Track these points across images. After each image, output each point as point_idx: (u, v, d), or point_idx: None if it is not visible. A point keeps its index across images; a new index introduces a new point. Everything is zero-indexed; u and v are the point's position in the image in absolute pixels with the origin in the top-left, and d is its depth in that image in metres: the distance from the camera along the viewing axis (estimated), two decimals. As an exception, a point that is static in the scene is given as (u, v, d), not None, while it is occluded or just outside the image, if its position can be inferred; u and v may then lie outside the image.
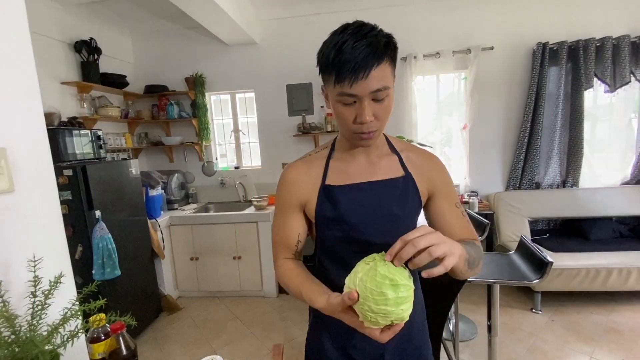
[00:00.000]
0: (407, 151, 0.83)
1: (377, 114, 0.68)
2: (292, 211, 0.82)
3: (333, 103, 0.70)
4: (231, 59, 3.31)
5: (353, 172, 0.80)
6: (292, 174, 0.82)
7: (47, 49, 2.45)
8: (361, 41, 0.62)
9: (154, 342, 2.47)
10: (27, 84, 0.95)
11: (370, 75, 0.63)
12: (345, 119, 0.69)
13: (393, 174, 0.80)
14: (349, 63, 0.62)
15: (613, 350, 2.05)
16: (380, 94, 0.65)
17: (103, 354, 0.76)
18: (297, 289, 0.74)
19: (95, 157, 2.45)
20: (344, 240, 0.78)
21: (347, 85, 0.64)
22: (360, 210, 0.77)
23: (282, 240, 0.84)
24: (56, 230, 1.00)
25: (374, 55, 0.62)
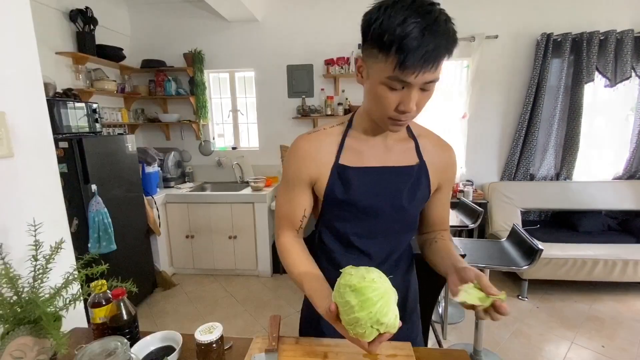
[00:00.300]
0: (424, 137, 0.80)
1: (419, 103, 0.64)
2: (301, 186, 0.78)
3: (375, 83, 0.63)
4: (231, 36, 3.24)
5: (368, 153, 0.76)
6: (304, 146, 0.77)
7: (42, 16, 2.37)
8: (433, 27, 0.55)
9: (149, 316, 2.51)
10: (26, 49, 0.93)
11: (439, 67, 0.58)
12: (387, 104, 0.63)
13: (407, 161, 0.77)
14: (419, 51, 0.55)
15: (593, 337, 2.13)
16: (431, 85, 0.62)
17: (104, 318, 0.78)
18: (299, 278, 0.74)
19: (90, 130, 2.41)
20: (352, 222, 0.78)
21: (411, 75, 0.57)
22: (371, 195, 0.75)
23: (287, 215, 0.81)
24: (55, 198, 1.00)
25: (445, 47, 0.57)
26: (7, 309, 0.66)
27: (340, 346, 0.77)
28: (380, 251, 0.81)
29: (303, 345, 0.78)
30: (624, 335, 2.14)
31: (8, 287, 0.67)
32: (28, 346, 0.64)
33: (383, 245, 0.81)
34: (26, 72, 0.93)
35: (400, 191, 0.76)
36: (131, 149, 2.51)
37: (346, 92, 3.19)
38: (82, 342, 0.78)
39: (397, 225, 0.80)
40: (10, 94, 0.88)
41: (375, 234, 0.79)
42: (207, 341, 0.68)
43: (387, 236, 0.80)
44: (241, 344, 0.80)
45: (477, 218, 2.21)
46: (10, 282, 0.67)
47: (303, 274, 0.74)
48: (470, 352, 1.93)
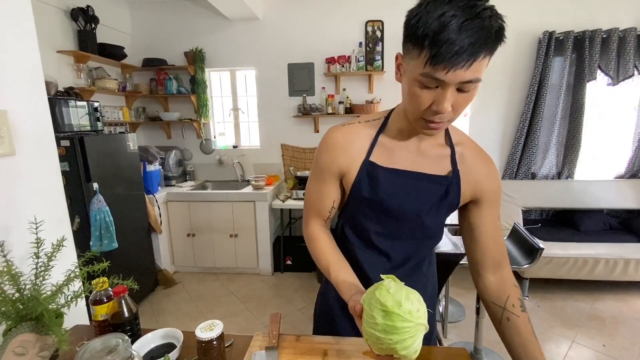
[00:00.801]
0: (462, 146, 0.75)
1: (456, 105, 0.59)
2: (330, 177, 0.77)
3: (409, 80, 0.60)
4: (232, 34, 3.23)
5: (400, 155, 0.74)
6: (337, 138, 0.76)
7: (43, 14, 2.37)
8: (472, 22, 0.51)
9: (150, 313, 2.52)
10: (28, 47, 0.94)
11: (473, 65, 0.53)
12: (420, 103, 0.60)
13: (440, 170, 0.73)
14: (453, 46, 0.52)
15: (594, 336, 2.13)
16: (469, 86, 0.57)
17: (105, 315, 0.78)
18: (327, 266, 0.75)
19: (92, 129, 2.42)
20: (374, 221, 0.77)
21: (442, 70, 0.54)
22: (397, 198, 0.73)
23: (316, 205, 0.81)
24: (57, 196, 1.00)
25: (484, 44, 0.52)
26: (10, 306, 0.67)
27: (340, 344, 0.77)
28: (400, 254, 0.80)
29: (303, 342, 0.78)
30: (625, 334, 2.14)
31: (10, 285, 0.67)
32: (30, 343, 0.65)
33: (403, 248, 0.79)
34: (28, 70, 0.93)
35: (429, 199, 0.73)
36: (132, 148, 2.52)
37: (347, 91, 3.18)
38: (83, 339, 0.78)
39: (419, 232, 0.77)
40: (12, 93, 0.88)
41: (395, 236, 0.78)
42: (207, 338, 0.68)
43: (408, 240, 0.79)
44: (242, 341, 0.81)
45: (478, 217, 2.21)
46: (12, 280, 0.67)
47: (331, 263, 0.74)
48: (470, 350, 1.94)
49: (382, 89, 3.16)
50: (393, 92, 3.15)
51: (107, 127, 2.93)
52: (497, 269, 0.77)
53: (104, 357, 0.59)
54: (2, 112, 0.85)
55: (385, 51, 3.06)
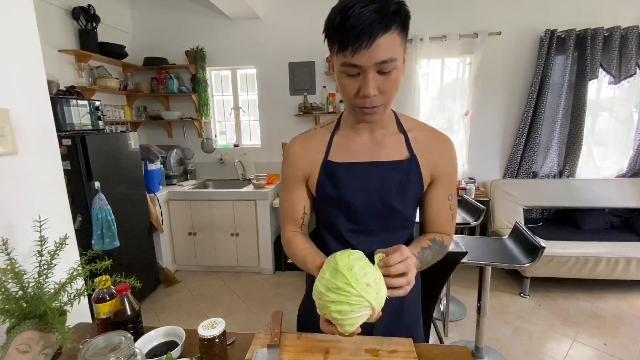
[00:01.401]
0: (415, 131, 0.79)
1: (383, 88, 0.64)
2: (297, 184, 0.82)
3: (337, 74, 0.66)
4: (233, 33, 3.23)
5: (356, 149, 0.77)
6: (295, 147, 0.81)
7: (44, 14, 2.38)
8: (368, 6, 0.57)
9: (152, 312, 2.53)
10: (29, 46, 0.94)
11: (376, 44, 0.58)
12: (348, 91, 0.65)
13: (397, 156, 0.76)
14: (353, 30, 0.57)
15: (595, 335, 2.13)
16: (387, 66, 0.61)
17: (108, 313, 0.78)
18: (303, 259, 0.76)
19: (93, 128, 2.42)
20: (344, 217, 0.79)
21: (350, 54, 0.59)
22: (361, 191, 0.76)
23: (288, 214, 0.84)
24: (59, 195, 1.01)
25: (381, 22, 0.57)
26: (13, 304, 0.67)
27: (342, 342, 0.77)
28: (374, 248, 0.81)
29: (305, 340, 0.78)
30: (625, 333, 2.14)
31: (14, 282, 0.68)
32: (33, 340, 0.65)
33: (378, 242, 0.78)
34: (30, 69, 0.94)
35: (390, 185, 0.75)
36: (134, 147, 2.52)
37: (348, 90, 3.17)
38: (86, 337, 0.79)
39: (390, 222, 0.79)
40: (14, 91, 0.89)
41: (368, 231, 0.79)
42: (209, 336, 0.68)
43: (381, 233, 0.80)
44: (243, 339, 0.81)
45: (479, 216, 2.21)
46: (15, 277, 0.68)
47: (307, 254, 0.76)
48: (471, 349, 1.94)
49: (383, 87, 3.15)
50: (394, 91, 3.14)
51: (109, 126, 2.94)
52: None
53: (107, 355, 0.60)
54: (4, 110, 0.85)
55: (386, 50, 3.05)
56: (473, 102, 3.05)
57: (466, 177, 3.21)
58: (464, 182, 3.15)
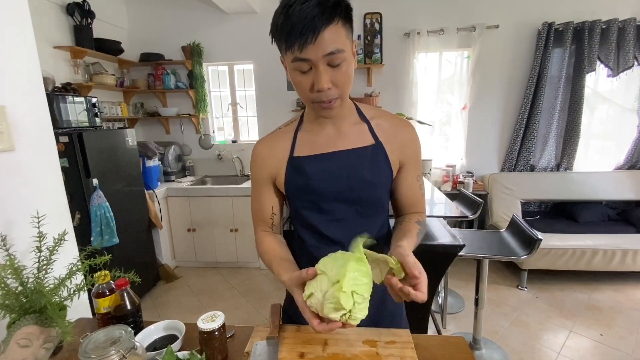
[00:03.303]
0: (377, 118, 0.81)
1: (336, 81, 0.65)
2: (264, 185, 0.83)
3: (290, 71, 0.67)
4: (230, 28, 3.21)
5: (321, 142, 0.78)
6: (260, 148, 0.83)
7: (39, 10, 2.35)
8: (309, 2, 0.59)
9: (152, 308, 2.54)
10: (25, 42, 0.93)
11: (321, 36, 0.60)
12: (303, 88, 0.66)
13: (362, 143, 0.78)
14: (297, 26, 0.59)
15: (592, 326, 2.16)
16: (335, 58, 0.62)
17: (108, 308, 0.79)
18: (270, 262, 0.78)
19: (90, 125, 2.41)
20: (316, 210, 0.79)
21: (298, 50, 0.61)
22: (329, 180, 0.76)
23: (258, 215, 0.86)
24: (57, 191, 1.01)
25: (323, 15, 0.59)
26: (13, 299, 0.67)
27: (340, 334, 0.78)
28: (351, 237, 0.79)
29: (303, 333, 0.79)
30: (622, 323, 2.17)
31: (13, 278, 0.68)
32: (34, 335, 0.66)
33: (353, 231, 0.79)
34: (25, 65, 0.93)
35: (359, 169, 0.76)
36: (131, 143, 2.51)
37: (346, 84, 3.16)
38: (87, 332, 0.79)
39: (363, 209, 0.79)
40: (9, 88, 0.88)
41: (341, 219, 0.80)
42: (209, 329, 0.69)
43: (355, 220, 0.80)
44: (243, 332, 0.82)
45: (477, 209, 2.22)
46: (15, 273, 0.68)
47: (273, 257, 0.78)
48: (469, 341, 1.96)
49: (381, 82, 3.15)
50: (392, 85, 3.14)
51: (106, 123, 2.93)
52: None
53: (108, 348, 0.60)
54: (1, 107, 0.85)
55: (384, 44, 3.04)
56: (471, 96, 3.05)
57: (464, 171, 3.21)
58: (462, 175, 3.16)
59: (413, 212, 0.85)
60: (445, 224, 1.68)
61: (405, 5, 2.95)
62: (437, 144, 3.30)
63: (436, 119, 3.25)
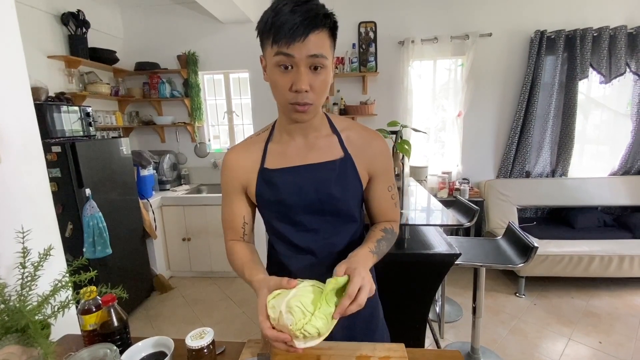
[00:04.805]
0: (347, 130, 0.82)
1: (314, 86, 0.67)
2: (235, 195, 0.83)
3: (270, 69, 0.68)
4: (225, 37, 3.22)
5: (291, 154, 0.79)
6: (231, 158, 0.83)
7: (32, 20, 2.35)
8: (302, 6, 0.62)
9: (146, 319, 2.50)
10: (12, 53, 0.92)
11: (309, 38, 0.62)
12: (282, 85, 0.67)
13: (331, 156, 0.79)
14: (288, 23, 0.61)
15: (590, 333, 2.14)
16: (318, 62, 0.65)
17: (94, 325, 0.77)
18: (241, 266, 0.78)
19: (84, 134, 2.40)
20: (287, 221, 0.81)
21: (285, 45, 0.62)
22: (298, 193, 0.77)
23: (229, 224, 0.86)
24: (45, 204, 0.99)
25: (313, 21, 0.62)
26: (-6, 318, 0.65)
27: (334, 349, 0.76)
28: (322, 247, 0.82)
29: (296, 348, 0.77)
30: (620, 330, 2.15)
31: (-5, 296, 0.66)
32: (15, 355, 0.64)
33: (322, 240, 0.82)
34: (13, 76, 0.92)
35: (327, 184, 0.77)
36: (126, 152, 2.50)
37: (341, 92, 3.18)
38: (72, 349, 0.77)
39: (333, 219, 0.81)
40: (-4, 100, 0.87)
41: (312, 229, 0.81)
42: (198, 347, 0.67)
43: (325, 231, 0.81)
44: (234, 348, 0.80)
45: (473, 216, 2.21)
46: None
47: (245, 263, 0.78)
48: (468, 350, 1.93)
49: (376, 89, 3.16)
50: (387, 93, 3.16)
51: (100, 132, 2.91)
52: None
53: (91, 369, 0.58)
54: (-13, 119, 0.83)
55: (379, 52, 3.07)
56: (465, 103, 3.06)
57: (460, 178, 3.22)
58: (458, 182, 3.16)
59: (384, 220, 0.87)
60: (442, 232, 1.66)
61: (399, 14, 2.98)
62: (432, 150, 3.31)
63: (432, 125, 3.27)
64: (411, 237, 1.56)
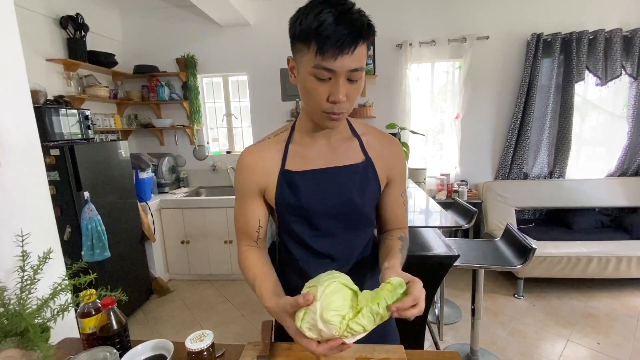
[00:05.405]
0: (367, 135, 0.81)
1: (349, 95, 0.66)
2: (251, 197, 0.79)
3: (304, 76, 0.65)
4: (224, 40, 3.23)
5: (313, 156, 0.77)
6: (249, 158, 0.79)
7: (31, 23, 2.36)
8: (345, 16, 0.59)
9: (144, 323, 2.49)
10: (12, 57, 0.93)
11: (355, 52, 0.61)
12: (317, 95, 0.65)
13: (353, 159, 0.78)
14: (335, 35, 0.58)
15: (589, 334, 2.14)
16: (356, 74, 0.64)
17: (94, 328, 0.77)
18: (252, 281, 0.75)
19: (83, 137, 2.39)
20: (306, 225, 0.78)
21: (331, 59, 0.60)
22: (320, 197, 0.76)
23: (243, 227, 0.82)
24: (44, 208, 0.99)
25: (360, 33, 0.60)
26: (-6, 322, 0.65)
27: (333, 351, 0.76)
28: (341, 251, 0.81)
29: (295, 351, 0.77)
30: (618, 331, 2.16)
31: (-6, 299, 0.66)
32: (15, 358, 0.64)
33: (342, 244, 0.81)
34: (13, 80, 0.92)
35: (349, 189, 0.76)
36: (124, 155, 2.50)
37: (340, 95, 3.19)
38: (72, 353, 0.77)
39: (352, 223, 0.80)
40: (-4, 103, 0.87)
41: (331, 234, 0.79)
42: (197, 349, 0.67)
43: (344, 235, 0.80)
44: (233, 350, 0.80)
45: (471, 218, 2.22)
46: (-4, 294, 0.66)
47: (256, 275, 0.75)
48: (467, 352, 1.94)
49: (375, 92, 3.18)
50: (385, 95, 3.17)
51: (99, 135, 2.91)
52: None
53: (91, 372, 0.58)
54: (-13, 123, 0.84)
55: (377, 55, 3.08)
56: (463, 105, 3.08)
57: (458, 180, 3.23)
58: (456, 184, 3.17)
59: (396, 227, 0.87)
60: (440, 234, 1.67)
61: (397, 18, 3.00)
62: (431, 152, 3.32)
63: (430, 127, 3.28)
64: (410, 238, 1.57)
